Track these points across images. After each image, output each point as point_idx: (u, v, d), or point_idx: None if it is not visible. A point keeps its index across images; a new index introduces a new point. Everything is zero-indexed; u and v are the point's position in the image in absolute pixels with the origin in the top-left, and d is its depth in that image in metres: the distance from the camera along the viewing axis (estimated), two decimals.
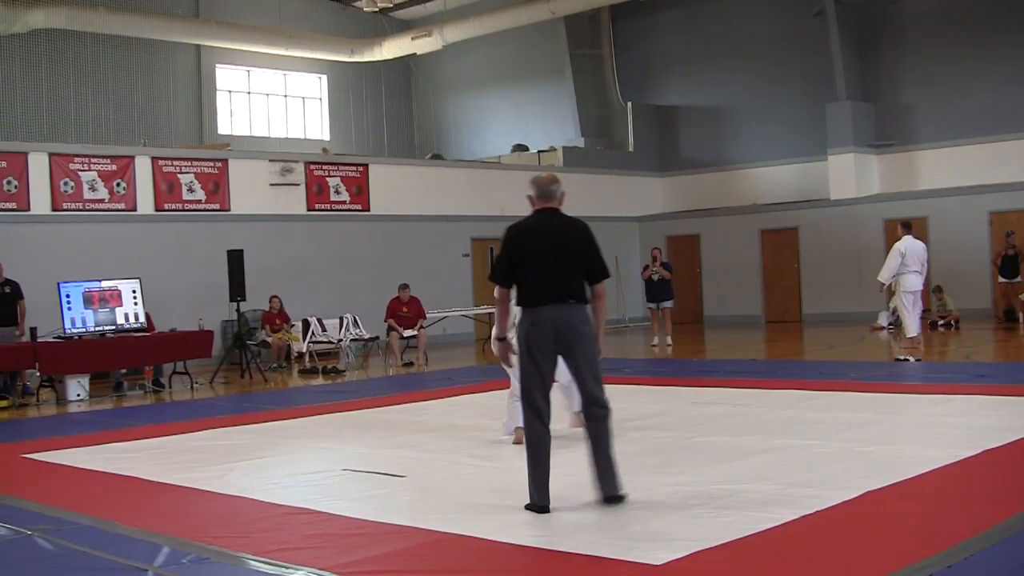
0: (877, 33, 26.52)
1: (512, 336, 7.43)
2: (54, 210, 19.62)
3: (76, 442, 11.46)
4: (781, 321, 26.79)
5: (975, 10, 24.96)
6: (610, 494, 6.98)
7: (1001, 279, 22.67)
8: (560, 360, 7.10)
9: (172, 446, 10.90)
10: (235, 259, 18.94)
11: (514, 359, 7.41)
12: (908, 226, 18.03)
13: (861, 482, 7.26)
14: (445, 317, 22.50)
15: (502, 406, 7.15)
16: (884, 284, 17.95)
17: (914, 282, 17.56)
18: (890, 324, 22.37)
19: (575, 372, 7.11)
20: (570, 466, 7.74)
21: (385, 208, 24.49)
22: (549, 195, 7.22)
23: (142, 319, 17.37)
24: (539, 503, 6.91)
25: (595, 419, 7.07)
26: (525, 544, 6.19)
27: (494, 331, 7.65)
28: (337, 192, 23.74)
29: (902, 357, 16.22)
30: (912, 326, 17.65)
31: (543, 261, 6.99)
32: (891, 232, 24.91)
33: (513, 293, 7.22)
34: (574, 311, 7.05)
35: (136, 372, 17.73)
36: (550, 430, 7.05)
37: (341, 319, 20.92)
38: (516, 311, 7.32)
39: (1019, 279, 22.34)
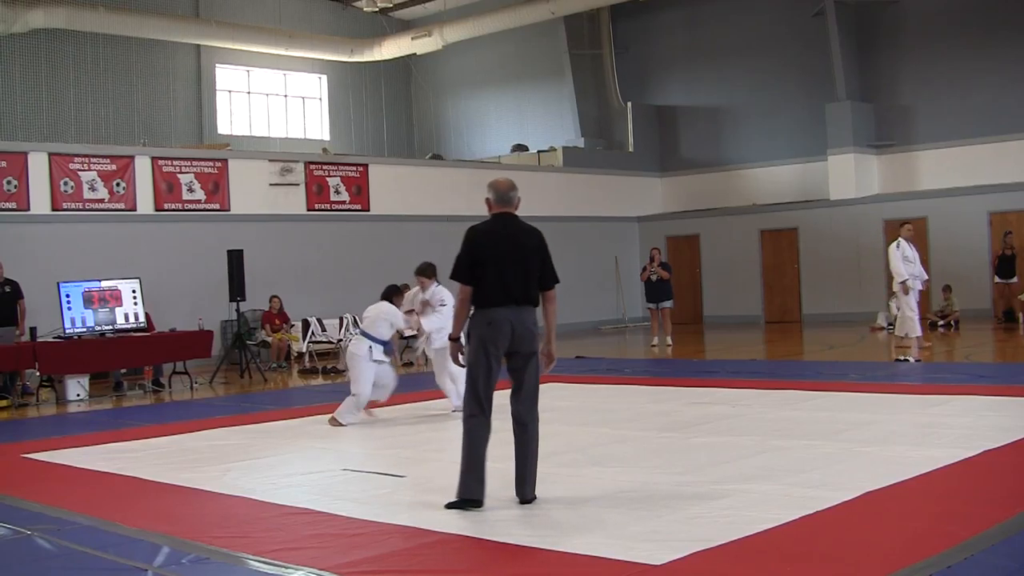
0: (877, 33, 26.51)
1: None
2: (54, 210, 19.61)
3: (76, 442, 11.46)
4: (781, 321, 26.78)
5: (975, 10, 24.94)
6: (525, 498, 7.17)
7: (998, 279, 22.68)
8: None
9: (172, 446, 10.90)
10: (235, 259, 18.94)
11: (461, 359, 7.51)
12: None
13: (861, 482, 7.26)
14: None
15: (503, 405, 7.14)
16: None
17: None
18: (890, 324, 22.34)
19: (518, 370, 7.25)
20: (567, 467, 7.73)
21: (385, 208, 24.48)
22: (508, 200, 7.48)
23: (142, 319, 17.36)
24: (474, 496, 7.05)
25: (524, 420, 7.22)
26: (525, 544, 6.18)
27: (449, 331, 7.79)
28: (337, 192, 23.73)
29: (902, 357, 16.23)
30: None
31: (503, 264, 7.20)
32: (891, 232, 24.95)
33: None
34: (529, 313, 7.28)
35: (136, 372, 17.73)
36: (491, 426, 7.17)
37: (341, 319, 20.94)
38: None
39: (1016, 280, 22.33)
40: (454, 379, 11.77)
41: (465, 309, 7.33)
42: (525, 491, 7.17)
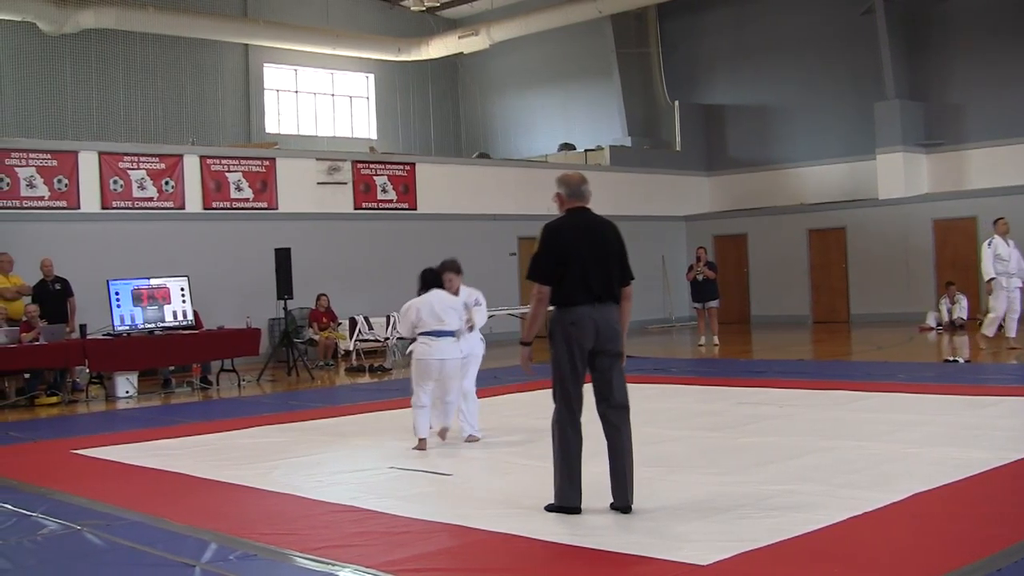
0: (926, 31, 26.25)
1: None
2: (103, 208, 19.80)
3: (124, 438, 11.57)
4: (829, 321, 26.59)
5: None
6: (620, 504, 6.88)
7: None
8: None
9: (219, 443, 10.98)
10: (282, 257, 19.01)
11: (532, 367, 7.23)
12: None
13: (909, 484, 7.20)
14: (491, 316, 22.45)
15: (548, 405, 7.08)
16: None
17: None
18: (939, 325, 22.08)
19: (605, 370, 6.97)
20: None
21: (432, 207, 24.53)
22: (581, 194, 7.22)
23: (190, 317, 17.48)
24: (572, 504, 6.85)
25: (616, 422, 6.95)
26: (571, 544, 6.18)
27: (522, 335, 7.32)
28: (384, 191, 23.81)
29: (951, 358, 16.09)
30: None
31: (585, 261, 6.95)
32: (940, 232, 24.75)
33: None
34: (612, 310, 7.02)
35: (184, 369, 17.85)
36: (581, 429, 6.95)
37: (388, 317, 20.95)
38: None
39: None
40: (467, 397, 10.60)
41: (543, 311, 7.10)
42: (626, 497, 6.86)
